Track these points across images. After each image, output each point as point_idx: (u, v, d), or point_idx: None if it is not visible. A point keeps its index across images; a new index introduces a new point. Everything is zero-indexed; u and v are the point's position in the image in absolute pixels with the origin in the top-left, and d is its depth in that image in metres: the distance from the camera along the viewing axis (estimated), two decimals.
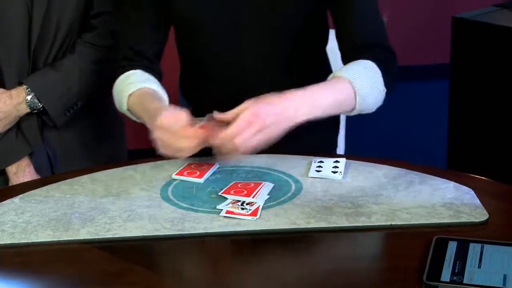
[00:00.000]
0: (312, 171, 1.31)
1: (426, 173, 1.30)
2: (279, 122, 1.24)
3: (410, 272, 0.99)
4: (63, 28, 1.62)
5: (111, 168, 1.38)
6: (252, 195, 1.20)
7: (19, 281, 1.04)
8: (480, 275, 0.96)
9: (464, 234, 1.08)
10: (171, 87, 1.53)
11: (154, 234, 1.12)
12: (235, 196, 1.21)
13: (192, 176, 1.30)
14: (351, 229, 1.12)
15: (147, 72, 1.47)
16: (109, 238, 1.11)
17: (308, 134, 1.59)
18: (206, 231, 1.12)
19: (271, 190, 1.24)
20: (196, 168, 1.33)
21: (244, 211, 1.17)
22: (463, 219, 1.13)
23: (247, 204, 1.18)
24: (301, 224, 1.13)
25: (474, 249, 1.02)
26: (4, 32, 1.59)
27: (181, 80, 1.65)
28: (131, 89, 1.42)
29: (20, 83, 1.61)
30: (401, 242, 1.10)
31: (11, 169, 1.65)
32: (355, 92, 1.33)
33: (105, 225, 1.14)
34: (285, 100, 1.27)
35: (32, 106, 1.61)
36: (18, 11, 1.58)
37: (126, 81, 1.44)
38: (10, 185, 1.65)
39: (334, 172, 1.30)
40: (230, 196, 1.21)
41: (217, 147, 1.24)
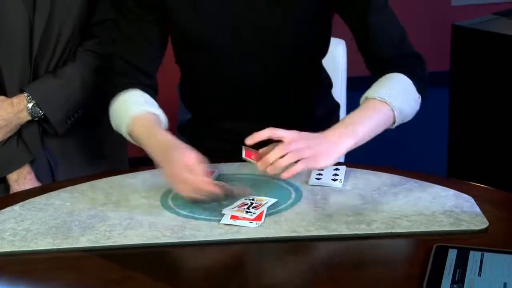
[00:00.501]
0: (312, 179, 1.31)
1: (426, 181, 1.30)
2: (319, 154, 1.23)
3: (410, 280, 0.99)
4: (65, 36, 1.62)
5: (112, 175, 1.38)
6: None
7: None
8: (480, 283, 0.96)
9: (464, 242, 1.08)
10: (171, 89, 1.53)
11: (154, 242, 1.12)
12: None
13: None
14: (351, 237, 1.12)
15: (145, 92, 1.45)
16: (109, 246, 1.11)
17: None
18: (206, 239, 1.12)
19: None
20: None
21: (248, 215, 1.17)
22: (463, 227, 1.13)
23: (252, 207, 1.18)
24: (301, 232, 1.13)
25: (474, 257, 1.02)
26: (5, 40, 1.59)
27: (182, 90, 1.65)
28: (132, 113, 1.38)
29: (21, 91, 1.61)
30: (401, 250, 1.10)
31: (12, 177, 1.65)
32: (393, 110, 1.31)
33: (105, 233, 1.14)
34: (327, 135, 1.27)
35: (33, 113, 1.61)
36: (20, 19, 1.58)
37: (126, 103, 1.41)
38: (11, 192, 1.65)
39: (334, 180, 1.30)
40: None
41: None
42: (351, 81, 1.94)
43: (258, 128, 1.53)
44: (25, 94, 1.61)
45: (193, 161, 1.24)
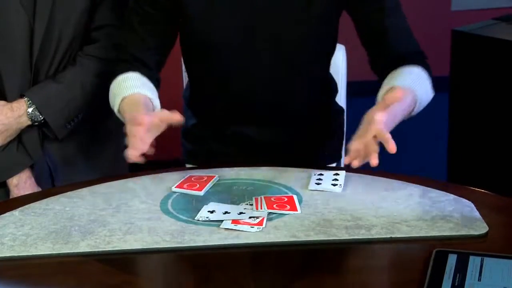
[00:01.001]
0: (312, 184, 1.31)
1: (426, 186, 1.30)
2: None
3: (410, 285, 0.99)
4: (65, 41, 1.62)
5: (111, 180, 1.38)
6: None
7: None
8: None
9: (464, 247, 1.08)
10: (175, 97, 1.54)
11: (153, 246, 1.12)
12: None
13: (192, 189, 1.30)
14: (351, 241, 1.12)
15: (144, 76, 1.47)
16: (109, 250, 1.11)
17: (312, 146, 1.62)
18: (206, 244, 1.12)
19: None
20: (196, 181, 1.33)
21: (250, 220, 1.17)
22: (463, 232, 1.13)
23: (251, 217, 1.19)
24: (301, 237, 1.13)
25: (474, 262, 1.02)
26: (5, 45, 1.60)
27: (189, 95, 1.66)
28: (124, 93, 1.42)
29: (21, 96, 1.62)
30: (401, 254, 1.10)
31: (12, 181, 1.65)
32: (415, 98, 1.34)
33: (105, 238, 1.14)
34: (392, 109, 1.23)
35: (33, 118, 1.61)
36: (20, 24, 1.58)
37: (123, 84, 1.45)
38: (11, 197, 1.65)
39: (334, 185, 1.30)
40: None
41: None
42: (350, 86, 1.94)
43: (265, 131, 1.55)
44: (25, 98, 1.61)
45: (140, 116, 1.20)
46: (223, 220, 1.18)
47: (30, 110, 1.60)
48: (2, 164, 1.64)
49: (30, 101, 1.60)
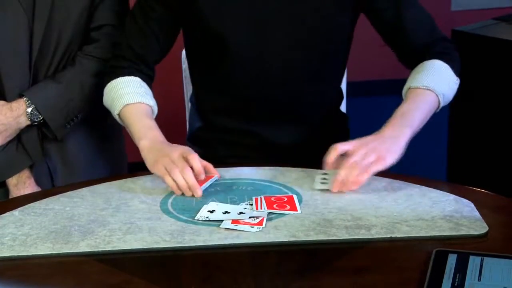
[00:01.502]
0: (317, 184, 1.30)
1: (426, 186, 1.30)
2: (383, 153, 1.27)
3: (410, 285, 0.99)
4: (64, 41, 1.62)
5: (111, 180, 1.38)
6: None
7: None
8: None
9: (464, 246, 1.08)
10: (173, 91, 1.55)
11: (153, 246, 1.12)
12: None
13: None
14: (351, 241, 1.12)
15: (144, 81, 1.51)
16: (109, 250, 1.11)
17: (319, 150, 1.62)
18: (206, 244, 1.12)
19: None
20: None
21: (250, 220, 1.17)
22: (463, 232, 1.13)
23: (251, 217, 1.19)
24: (301, 237, 1.13)
25: (474, 261, 1.02)
26: (5, 45, 1.60)
27: (196, 98, 1.66)
28: (128, 99, 1.45)
29: (21, 95, 1.61)
30: (401, 254, 1.10)
31: (12, 181, 1.65)
32: (437, 96, 1.38)
33: (105, 238, 1.14)
34: (384, 132, 1.31)
35: (33, 118, 1.61)
36: (19, 24, 1.58)
37: (126, 88, 1.47)
38: (10, 197, 1.65)
39: None
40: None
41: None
42: (350, 86, 1.94)
43: (273, 133, 1.55)
44: (24, 98, 1.61)
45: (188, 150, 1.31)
46: (223, 220, 1.18)
47: (29, 110, 1.60)
48: (2, 164, 1.64)
49: (30, 101, 1.60)
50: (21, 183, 1.65)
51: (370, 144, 1.28)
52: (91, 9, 1.63)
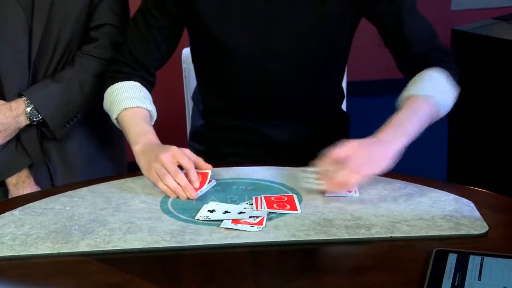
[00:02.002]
0: (312, 184, 1.30)
1: (426, 185, 1.30)
2: (375, 160, 1.26)
3: (410, 285, 0.99)
4: (63, 40, 1.62)
5: (111, 180, 1.38)
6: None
7: None
8: (480, 287, 0.96)
9: (464, 246, 1.08)
10: (174, 88, 1.55)
11: (154, 246, 1.12)
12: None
13: None
14: (351, 241, 1.12)
15: (144, 86, 1.51)
16: (109, 250, 1.11)
17: (319, 144, 1.62)
18: (206, 243, 1.12)
19: None
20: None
21: (251, 220, 1.17)
22: (463, 232, 1.13)
23: (251, 217, 1.19)
24: (301, 236, 1.13)
25: (474, 261, 1.02)
26: (4, 45, 1.60)
27: (200, 98, 1.67)
28: (127, 104, 1.45)
29: (20, 95, 1.61)
30: (401, 254, 1.10)
31: (11, 181, 1.65)
32: (435, 104, 1.37)
33: (105, 237, 1.14)
34: (380, 138, 1.30)
35: (32, 118, 1.61)
36: (19, 24, 1.58)
37: (125, 92, 1.47)
38: (10, 197, 1.65)
39: (349, 191, 1.28)
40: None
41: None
42: (350, 86, 1.95)
43: (275, 132, 1.55)
44: (24, 98, 1.61)
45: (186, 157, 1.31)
46: (223, 220, 1.18)
47: (28, 109, 1.60)
48: (1, 164, 1.64)
49: (29, 101, 1.60)
50: (21, 182, 1.65)
51: (363, 149, 1.26)
52: (91, 9, 1.63)
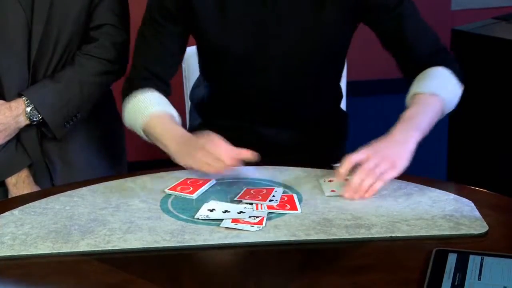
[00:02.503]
0: (327, 191, 1.29)
1: (426, 185, 1.30)
2: (394, 161, 1.26)
3: (410, 284, 0.99)
4: (63, 40, 1.62)
5: (111, 180, 1.38)
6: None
7: None
8: (480, 287, 0.96)
9: (464, 246, 1.08)
10: (174, 88, 1.55)
11: (153, 246, 1.12)
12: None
13: (184, 192, 1.30)
14: (351, 241, 1.12)
15: (163, 95, 1.50)
16: (109, 250, 1.11)
17: (319, 148, 1.62)
18: (206, 243, 1.12)
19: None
20: (191, 184, 1.32)
21: (250, 219, 1.17)
22: (463, 231, 1.13)
23: (251, 217, 1.19)
24: (301, 236, 1.13)
25: (474, 261, 1.02)
26: (4, 45, 1.60)
27: (204, 98, 1.67)
28: (152, 109, 1.44)
29: (20, 95, 1.61)
30: (401, 254, 1.10)
31: (11, 181, 1.65)
32: (442, 101, 1.38)
33: (105, 237, 1.14)
34: (393, 136, 1.30)
35: (32, 117, 1.61)
36: (18, 23, 1.58)
37: (145, 101, 1.46)
38: (9, 196, 1.65)
39: None
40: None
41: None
42: (350, 86, 1.95)
43: (272, 133, 1.56)
44: (24, 98, 1.61)
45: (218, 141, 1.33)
46: (223, 219, 1.18)
47: (28, 109, 1.60)
48: (1, 164, 1.64)
49: (29, 101, 1.60)
50: (20, 182, 1.65)
51: (381, 152, 1.27)
52: (90, 9, 1.63)
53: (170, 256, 1.10)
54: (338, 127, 1.68)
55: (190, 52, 1.74)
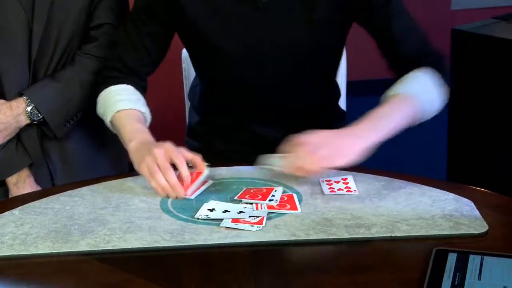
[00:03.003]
0: (326, 191, 1.30)
1: (426, 185, 1.30)
2: (338, 152, 1.25)
3: (410, 284, 0.99)
4: (63, 40, 1.62)
5: (111, 180, 1.38)
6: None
7: None
8: (480, 287, 0.96)
9: (464, 245, 1.08)
10: (174, 87, 1.55)
11: (153, 245, 1.12)
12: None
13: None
14: (351, 240, 1.12)
15: (137, 90, 1.51)
16: (109, 249, 1.11)
17: None
18: (206, 243, 1.12)
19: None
20: (189, 186, 1.32)
21: (250, 219, 1.17)
22: (463, 231, 1.13)
23: (251, 216, 1.19)
24: (301, 236, 1.13)
25: (474, 261, 1.02)
26: (4, 44, 1.60)
27: (198, 95, 1.67)
28: (120, 106, 1.45)
29: (20, 94, 1.61)
30: (401, 253, 1.10)
31: (11, 180, 1.65)
32: (417, 105, 1.36)
33: (105, 237, 1.14)
34: (352, 130, 1.30)
35: (32, 117, 1.61)
36: (18, 23, 1.58)
37: (118, 95, 1.48)
38: (10, 196, 1.65)
39: (348, 191, 1.28)
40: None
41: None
42: (350, 85, 1.95)
43: (269, 130, 1.56)
44: (24, 97, 1.61)
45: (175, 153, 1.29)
46: (223, 219, 1.18)
47: (29, 108, 1.60)
48: (2, 163, 1.64)
49: (29, 100, 1.60)
50: (21, 182, 1.65)
51: (331, 139, 1.26)
52: (91, 8, 1.63)
53: (170, 256, 1.10)
54: (336, 126, 1.68)
55: None
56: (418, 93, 1.37)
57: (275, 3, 1.44)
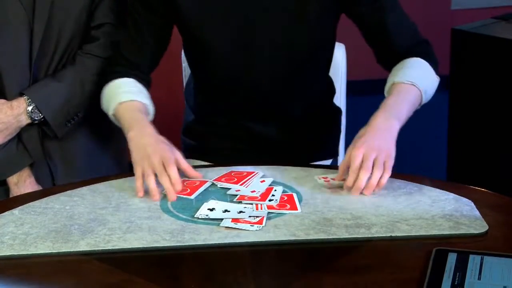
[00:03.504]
0: (323, 184, 1.30)
1: (426, 185, 1.30)
2: (386, 149, 1.27)
3: (410, 284, 0.99)
4: (64, 39, 1.62)
5: (111, 179, 1.38)
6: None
7: None
8: (480, 287, 0.96)
9: (464, 245, 1.08)
10: (174, 87, 1.56)
11: (153, 245, 1.12)
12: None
13: (182, 194, 1.29)
14: (351, 240, 1.12)
15: (140, 83, 1.51)
16: (109, 249, 1.11)
17: (310, 143, 1.63)
18: (206, 243, 1.12)
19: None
20: (188, 186, 1.32)
21: (250, 219, 1.17)
22: (463, 231, 1.13)
23: (251, 216, 1.19)
24: (301, 236, 1.13)
25: (474, 260, 1.02)
26: (5, 44, 1.60)
27: (193, 93, 1.68)
28: (121, 98, 1.46)
29: (21, 94, 1.61)
30: (401, 253, 1.10)
31: (12, 180, 1.65)
32: (420, 91, 1.39)
33: (105, 237, 1.14)
34: (376, 125, 1.30)
35: (33, 116, 1.61)
36: (19, 23, 1.58)
37: (119, 89, 1.49)
38: (10, 195, 1.65)
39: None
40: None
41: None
42: (350, 85, 1.95)
43: (263, 128, 1.57)
44: (25, 97, 1.61)
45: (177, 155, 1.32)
46: (222, 219, 1.18)
47: (29, 108, 1.60)
48: (2, 163, 1.64)
49: (30, 100, 1.60)
50: (22, 181, 1.65)
51: (373, 144, 1.27)
52: (91, 8, 1.63)
53: (170, 256, 1.10)
54: (330, 123, 1.68)
55: None
56: (419, 80, 1.39)
57: (269, 1, 1.44)
